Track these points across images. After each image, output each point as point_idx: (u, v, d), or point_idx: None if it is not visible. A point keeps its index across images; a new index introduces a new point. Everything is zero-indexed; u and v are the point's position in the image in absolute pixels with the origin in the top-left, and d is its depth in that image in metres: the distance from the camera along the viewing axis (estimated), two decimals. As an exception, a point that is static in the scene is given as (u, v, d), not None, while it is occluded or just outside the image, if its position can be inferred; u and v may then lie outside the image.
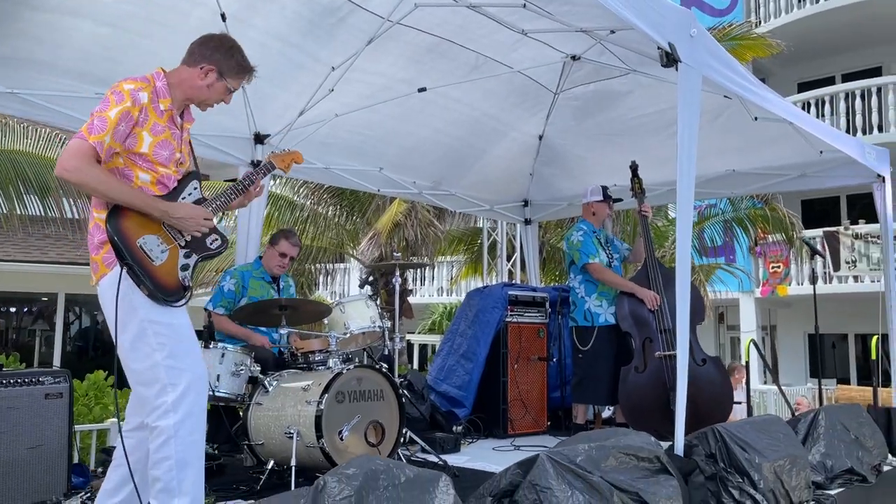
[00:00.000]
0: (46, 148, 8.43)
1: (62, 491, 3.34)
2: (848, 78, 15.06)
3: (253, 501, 3.25)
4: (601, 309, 5.06)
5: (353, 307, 4.27)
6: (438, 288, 17.21)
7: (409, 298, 11.80)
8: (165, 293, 2.45)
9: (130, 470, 2.44)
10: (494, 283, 7.33)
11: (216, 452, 3.96)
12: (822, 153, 5.18)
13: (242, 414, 3.90)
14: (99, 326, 13.14)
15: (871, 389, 5.53)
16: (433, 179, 6.59)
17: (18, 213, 7.90)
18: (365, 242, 10.60)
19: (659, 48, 3.03)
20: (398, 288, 4.85)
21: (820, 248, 10.51)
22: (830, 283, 13.12)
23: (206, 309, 4.52)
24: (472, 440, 5.10)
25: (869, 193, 5.42)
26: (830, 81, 15.18)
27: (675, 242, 9.61)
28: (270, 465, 3.63)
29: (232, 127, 5.04)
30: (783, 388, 8.01)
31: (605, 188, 5.36)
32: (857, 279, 12.72)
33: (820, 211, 15.48)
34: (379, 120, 5.36)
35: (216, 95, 2.69)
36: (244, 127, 5.11)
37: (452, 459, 4.24)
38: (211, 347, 3.85)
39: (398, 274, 4.83)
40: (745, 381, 6.32)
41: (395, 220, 10.09)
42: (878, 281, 10.85)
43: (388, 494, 1.98)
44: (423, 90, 4.97)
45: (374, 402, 3.72)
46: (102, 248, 2.45)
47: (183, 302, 2.51)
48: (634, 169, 5.26)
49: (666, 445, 2.86)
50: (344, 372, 3.63)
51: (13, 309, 12.69)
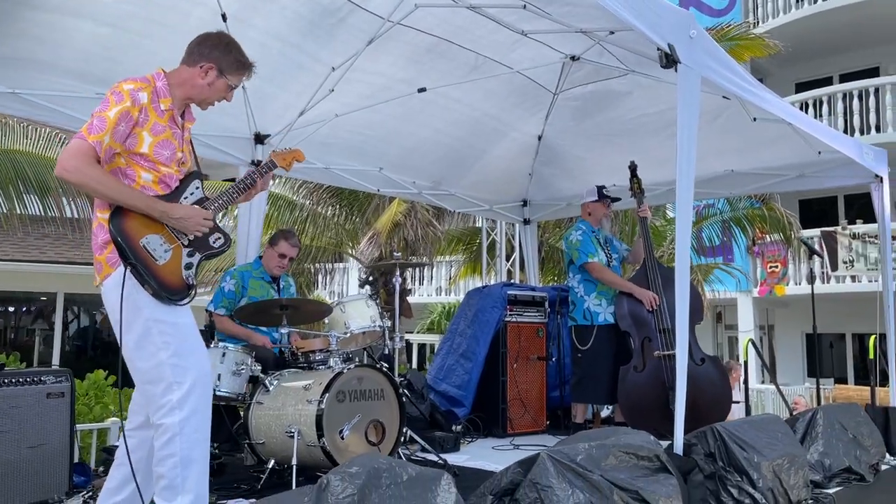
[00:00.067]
0: (46, 148, 8.42)
1: (64, 490, 3.35)
2: (846, 78, 15.08)
3: (254, 500, 3.26)
4: (600, 308, 5.07)
5: (353, 307, 4.29)
6: (437, 287, 17.24)
7: (407, 298, 11.81)
8: (170, 292, 2.46)
9: (132, 469, 2.45)
10: (493, 282, 7.35)
11: (217, 451, 3.96)
12: (820, 154, 5.19)
13: (243, 413, 3.91)
14: (97, 326, 13.13)
15: (868, 389, 5.55)
16: (433, 179, 6.60)
17: (18, 212, 7.89)
18: (364, 242, 10.61)
19: (658, 49, 3.03)
20: (398, 287, 4.86)
21: (818, 247, 10.53)
22: (828, 282, 13.14)
23: (207, 310, 4.53)
24: (471, 439, 5.11)
25: (866, 193, 5.42)
26: (828, 82, 15.21)
27: (673, 242, 9.64)
28: (271, 464, 3.65)
29: (232, 127, 5.05)
30: (781, 387, 8.04)
31: (601, 188, 5.37)
32: (854, 279, 12.75)
33: (818, 211, 15.51)
34: (379, 120, 5.37)
35: (218, 93, 2.71)
36: (244, 127, 5.12)
37: (452, 458, 4.26)
38: (212, 347, 3.86)
39: (398, 273, 4.84)
40: (742, 380, 6.33)
41: (394, 219, 10.11)
42: (875, 281, 10.91)
43: (390, 492, 1.99)
44: (423, 90, 4.97)
45: (374, 401, 3.73)
46: (106, 248, 2.47)
47: (187, 301, 2.52)
48: (633, 169, 5.27)
49: (665, 444, 2.87)
50: (345, 371, 3.64)
51: (12, 308, 12.68)
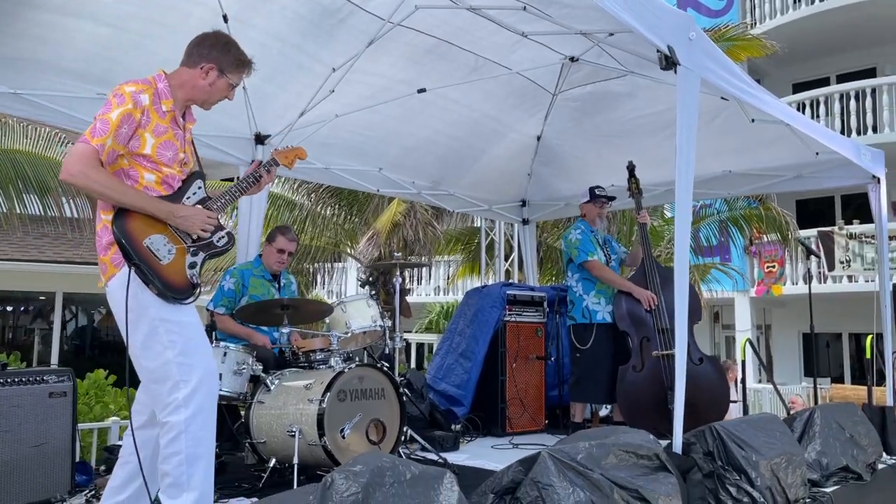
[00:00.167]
0: (46, 148, 8.42)
1: (66, 489, 3.37)
2: (843, 79, 15.11)
3: (255, 499, 3.27)
4: (599, 306, 5.08)
5: (354, 306, 4.31)
6: (435, 287, 17.25)
7: (406, 297, 11.82)
8: (175, 291, 2.48)
9: (141, 465, 2.47)
10: (492, 282, 7.37)
11: (218, 451, 3.96)
12: (818, 154, 5.22)
13: (244, 412, 3.92)
14: (96, 325, 13.12)
15: (865, 388, 5.58)
16: (432, 180, 6.61)
17: (18, 212, 7.89)
18: (364, 242, 10.61)
19: (658, 51, 3.04)
20: (398, 287, 4.87)
21: (815, 247, 10.55)
22: (825, 282, 13.17)
23: (207, 309, 4.54)
24: (470, 438, 5.14)
25: (863, 193, 5.44)
26: (825, 82, 15.24)
27: (670, 242, 9.65)
28: (272, 463, 3.66)
29: (233, 127, 5.06)
30: (778, 386, 8.06)
31: (593, 189, 5.35)
32: (851, 279, 12.79)
33: (814, 211, 15.55)
34: (379, 121, 5.38)
35: (219, 93, 2.72)
36: (245, 127, 5.13)
37: (452, 457, 4.29)
38: (213, 346, 3.87)
39: (398, 273, 4.86)
40: (739, 379, 6.35)
41: (394, 219, 10.12)
42: (872, 280, 10.94)
43: (394, 491, 2.01)
44: (422, 91, 4.99)
45: (375, 400, 3.75)
46: (110, 248, 2.48)
47: (192, 300, 2.54)
48: (631, 169, 5.29)
49: (664, 443, 2.89)
50: (346, 371, 3.66)
51: (10, 308, 12.67)
